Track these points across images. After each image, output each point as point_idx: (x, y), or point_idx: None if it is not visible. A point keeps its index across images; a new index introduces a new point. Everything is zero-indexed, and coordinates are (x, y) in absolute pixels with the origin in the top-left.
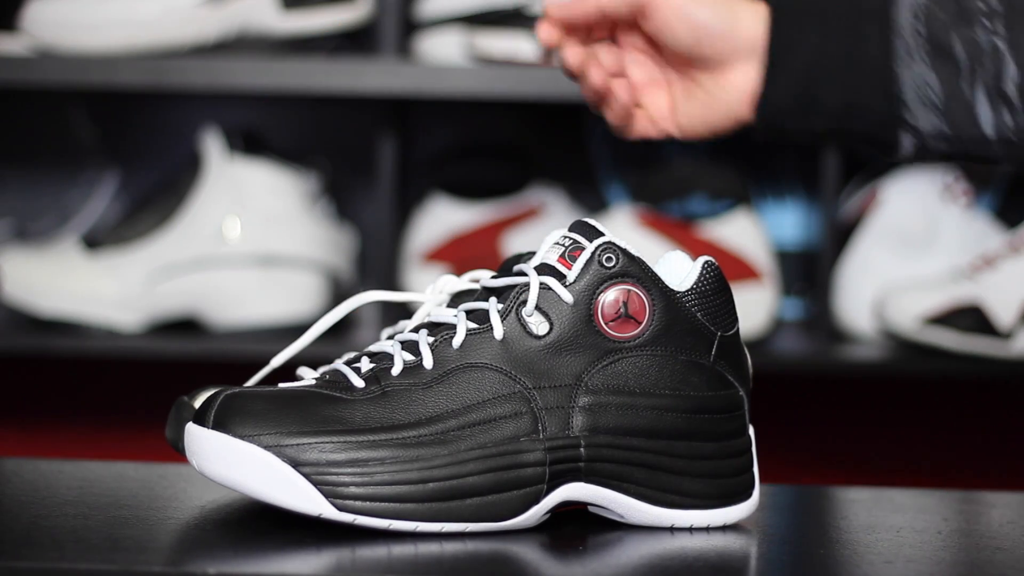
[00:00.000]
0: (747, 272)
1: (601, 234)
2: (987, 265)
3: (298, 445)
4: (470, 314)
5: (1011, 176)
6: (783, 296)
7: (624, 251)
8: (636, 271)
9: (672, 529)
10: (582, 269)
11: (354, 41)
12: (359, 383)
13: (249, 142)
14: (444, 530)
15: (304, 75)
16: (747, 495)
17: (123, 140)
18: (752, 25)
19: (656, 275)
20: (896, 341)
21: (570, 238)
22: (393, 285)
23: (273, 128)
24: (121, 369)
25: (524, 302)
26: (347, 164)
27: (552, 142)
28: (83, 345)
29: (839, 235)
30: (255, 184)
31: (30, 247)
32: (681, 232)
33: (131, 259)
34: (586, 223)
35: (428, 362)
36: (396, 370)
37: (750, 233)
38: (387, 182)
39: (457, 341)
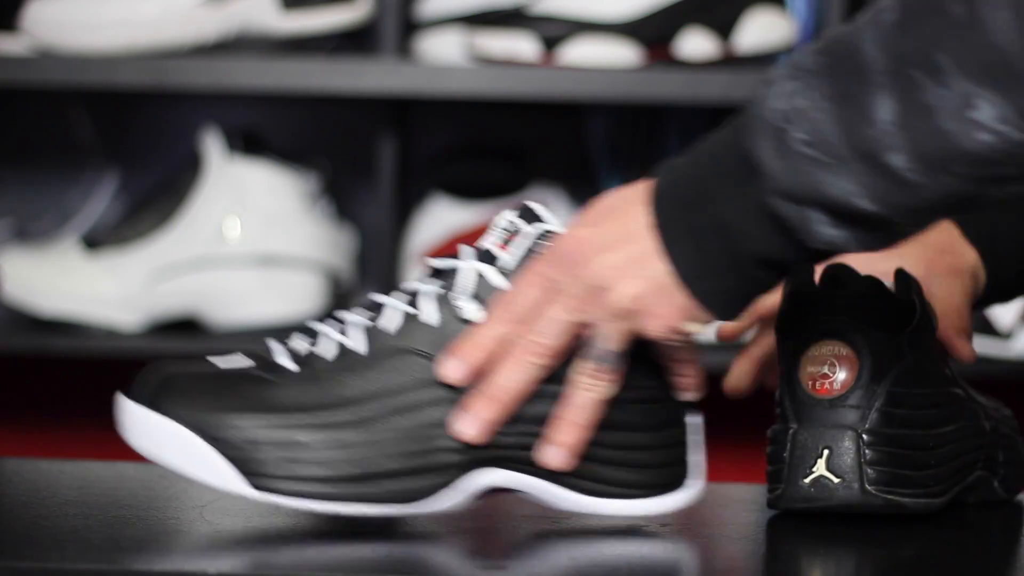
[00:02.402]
0: None
1: (540, 219)
2: None
3: (219, 424)
4: (407, 297)
5: None
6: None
7: None
8: None
9: (608, 522)
10: (517, 254)
11: (354, 41)
12: (289, 365)
13: (249, 142)
14: (360, 512)
15: (304, 75)
16: (682, 486)
17: (123, 140)
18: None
19: None
20: None
21: (512, 222)
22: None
23: (273, 128)
24: (121, 369)
25: (458, 286)
26: (347, 164)
27: (552, 142)
28: (83, 345)
29: None
30: (255, 184)
31: (30, 247)
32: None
33: (131, 259)
34: (530, 207)
35: (360, 346)
36: (327, 352)
37: None
38: (387, 182)
39: (391, 325)
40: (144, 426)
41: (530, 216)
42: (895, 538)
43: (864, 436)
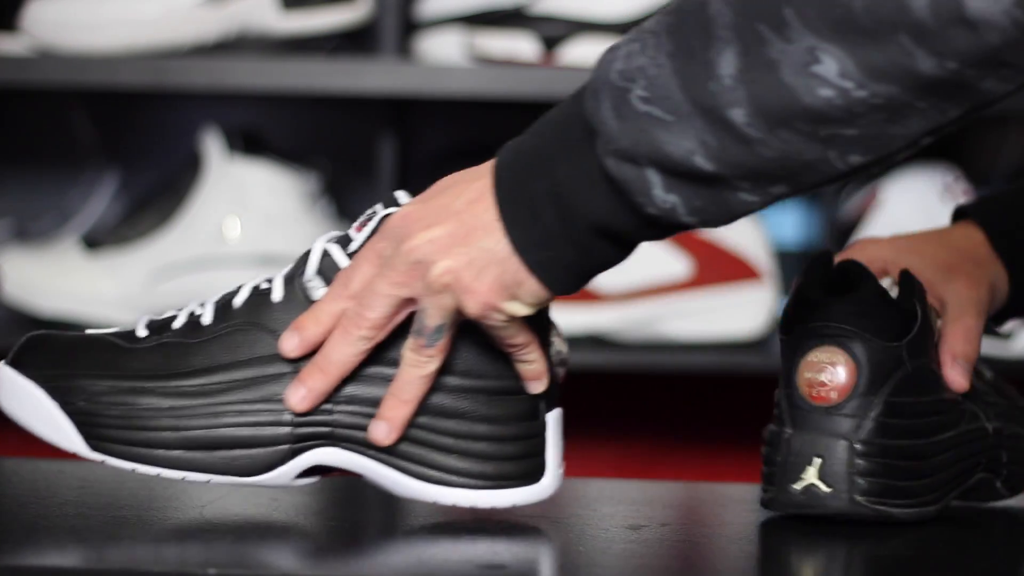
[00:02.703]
0: (747, 272)
1: (398, 206)
2: None
3: (66, 385)
4: (267, 277)
5: (1011, 176)
6: (783, 296)
7: None
8: None
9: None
10: (364, 239)
11: (354, 41)
12: (142, 332)
13: (249, 142)
14: (193, 480)
15: (304, 75)
16: (532, 480)
17: (123, 140)
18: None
19: None
20: None
21: (374, 208)
22: None
23: (273, 128)
24: None
25: (307, 266)
26: (347, 164)
27: None
28: None
29: (839, 235)
30: (255, 184)
31: (30, 247)
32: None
33: (131, 259)
34: (394, 196)
35: (208, 318)
36: (178, 323)
37: (750, 233)
38: (387, 182)
39: (239, 300)
40: (5, 384)
41: (392, 203)
42: (895, 538)
43: (857, 446)
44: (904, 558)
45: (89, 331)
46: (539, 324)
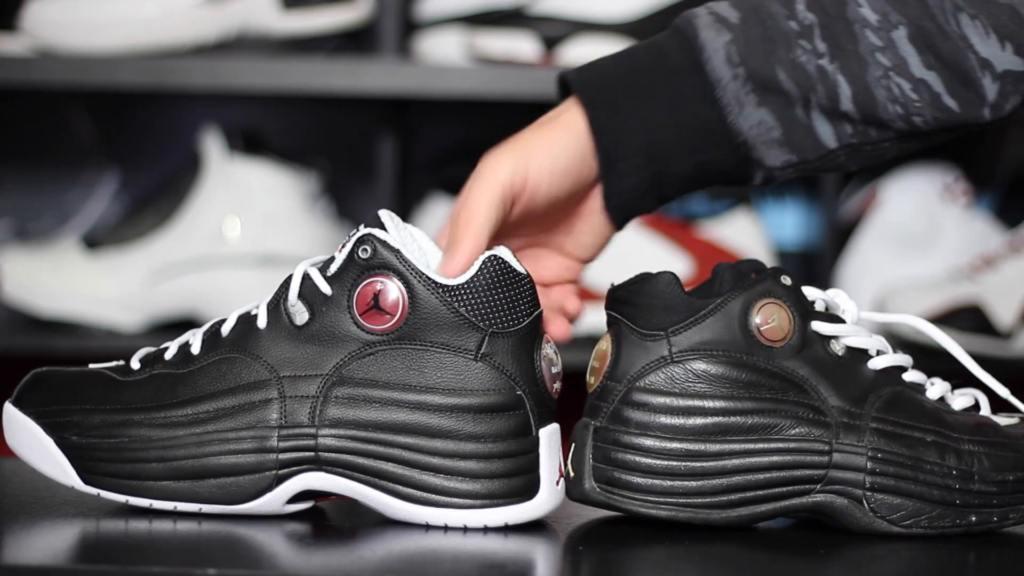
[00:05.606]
0: None
1: (381, 226)
2: (987, 265)
3: (62, 421)
4: (255, 305)
5: (1011, 176)
6: None
7: (383, 243)
8: (395, 264)
9: (439, 528)
10: (343, 260)
11: (354, 41)
12: (136, 365)
13: (249, 142)
14: (179, 509)
15: (304, 75)
16: (526, 497)
17: (123, 140)
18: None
19: (418, 269)
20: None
21: (357, 229)
22: None
23: (273, 128)
24: None
25: (290, 290)
26: (347, 164)
27: None
28: (83, 345)
29: (839, 235)
30: (255, 184)
31: (30, 247)
32: (681, 232)
33: (131, 259)
34: (379, 215)
35: (196, 348)
36: (170, 354)
37: (750, 233)
38: (387, 182)
39: (226, 329)
40: (7, 422)
41: (374, 223)
42: (894, 541)
43: (597, 431)
44: (904, 559)
45: (92, 365)
46: (517, 347)
